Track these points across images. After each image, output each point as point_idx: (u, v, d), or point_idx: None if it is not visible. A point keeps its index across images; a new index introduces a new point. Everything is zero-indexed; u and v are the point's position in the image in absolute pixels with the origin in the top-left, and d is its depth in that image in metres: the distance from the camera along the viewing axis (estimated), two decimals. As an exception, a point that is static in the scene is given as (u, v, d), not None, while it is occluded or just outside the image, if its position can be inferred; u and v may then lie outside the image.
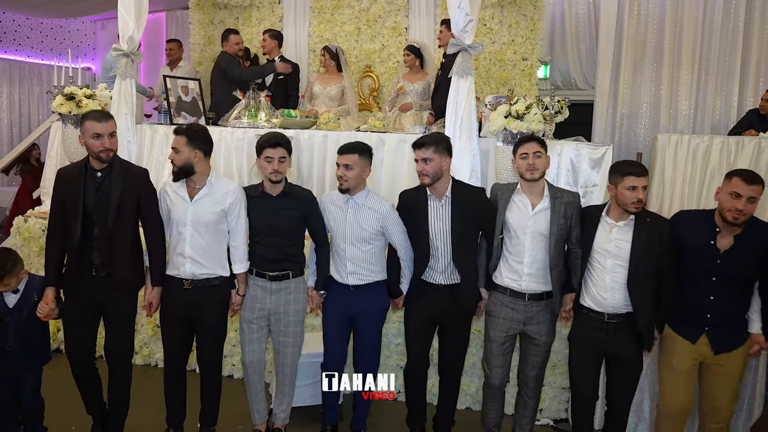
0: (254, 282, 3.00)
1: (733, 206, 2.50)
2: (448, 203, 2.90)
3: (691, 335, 2.66)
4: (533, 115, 3.50)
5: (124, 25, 4.20)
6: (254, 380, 3.08)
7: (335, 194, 3.02)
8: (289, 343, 3.03)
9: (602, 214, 2.75)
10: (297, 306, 3.02)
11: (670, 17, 6.35)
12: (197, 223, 2.85)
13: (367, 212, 2.93)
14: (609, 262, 2.69)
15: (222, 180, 2.96)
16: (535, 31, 5.73)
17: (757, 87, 6.15)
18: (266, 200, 2.95)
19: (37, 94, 8.50)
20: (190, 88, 4.74)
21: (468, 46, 3.70)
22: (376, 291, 3.02)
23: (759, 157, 4.77)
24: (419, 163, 2.87)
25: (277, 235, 2.94)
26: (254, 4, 6.30)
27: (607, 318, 2.71)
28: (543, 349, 2.91)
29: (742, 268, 2.56)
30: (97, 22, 9.00)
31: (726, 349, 2.62)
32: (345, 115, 5.19)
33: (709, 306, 2.60)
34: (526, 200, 2.85)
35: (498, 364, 2.95)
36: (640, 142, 6.51)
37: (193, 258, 2.86)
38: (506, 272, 2.88)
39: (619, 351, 2.73)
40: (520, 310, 2.87)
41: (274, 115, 4.54)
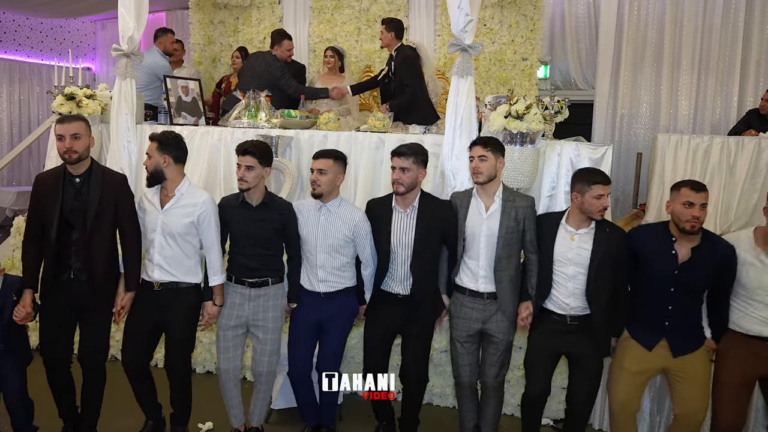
0: (233, 289, 2.99)
1: (689, 215, 2.58)
2: (413, 214, 2.93)
3: (647, 342, 2.73)
4: (533, 115, 3.49)
5: (124, 25, 4.19)
6: (229, 386, 3.06)
7: (308, 202, 3.03)
8: (267, 351, 3.02)
9: (561, 221, 2.80)
10: (275, 313, 3.01)
11: (670, 17, 6.35)
12: (166, 232, 2.87)
13: (340, 220, 2.95)
14: (571, 270, 2.75)
15: (194, 190, 2.94)
16: (535, 31, 5.74)
17: (757, 87, 6.15)
18: (246, 210, 2.95)
19: (37, 94, 8.49)
20: (190, 88, 4.74)
21: (468, 46, 3.70)
22: (345, 297, 3.04)
23: (759, 157, 4.77)
24: (396, 172, 2.89)
25: (257, 246, 2.94)
26: (254, 4, 6.30)
27: (569, 320, 2.78)
28: (502, 347, 2.93)
29: (699, 280, 2.65)
30: (97, 22, 8.99)
31: (684, 351, 2.69)
32: (346, 115, 5.19)
33: (666, 315, 2.68)
34: (481, 203, 2.91)
35: (464, 362, 2.99)
36: (639, 142, 6.51)
37: (161, 266, 2.88)
38: (464, 274, 2.94)
39: (578, 350, 2.80)
40: (478, 309, 2.91)
41: (274, 115, 4.54)
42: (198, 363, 4.01)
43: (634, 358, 2.75)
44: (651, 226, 2.93)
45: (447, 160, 3.81)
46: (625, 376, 2.76)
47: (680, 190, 2.64)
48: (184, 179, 2.92)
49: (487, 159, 2.84)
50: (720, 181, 4.87)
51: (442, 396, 3.75)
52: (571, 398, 2.91)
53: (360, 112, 5.64)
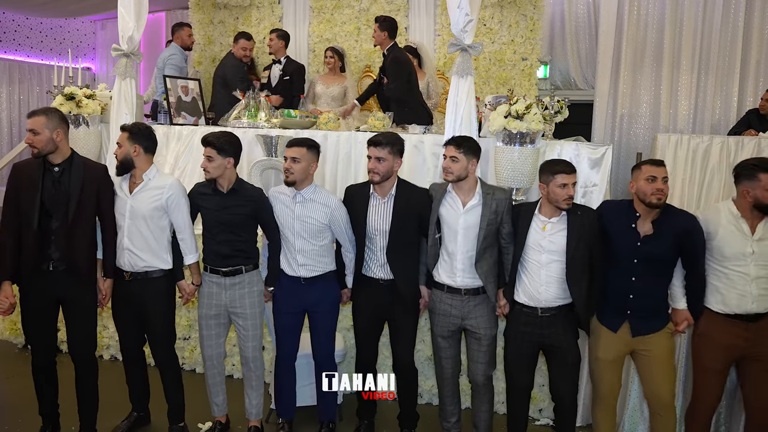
0: (209, 279, 3.05)
1: (653, 188, 2.67)
2: (390, 201, 2.97)
3: (613, 324, 2.80)
4: (533, 115, 3.49)
5: (124, 25, 4.19)
6: (213, 373, 3.14)
7: (283, 188, 3.06)
8: (249, 336, 3.08)
9: (535, 211, 2.85)
10: (252, 299, 3.06)
11: (670, 17, 6.35)
12: (135, 217, 2.94)
13: (315, 206, 2.98)
14: (544, 258, 2.79)
15: (161, 175, 3.03)
16: (535, 31, 5.73)
17: (756, 87, 6.16)
18: (217, 197, 3.00)
19: (37, 94, 8.49)
20: (189, 88, 4.75)
21: (468, 46, 3.70)
22: (327, 282, 3.07)
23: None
24: (372, 161, 2.92)
25: (228, 232, 2.99)
26: (254, 4, 6.30)
27: (540, 312, 2.81)
28: (485, 342, 2.96)
29: (661, 251, 2.72)
30: (97, 22, 9.00)
31: (644, 332, 2.76)
32: (347, 115, 5.19)
33: (630, 287, 2.75)
34: (457, 199, 2.93)
35: (446, 356, 3.02)
36: (639, 142, 6.51)
37: (130, 249, 2.94)
38: (442, 270, 2.96)
39: (554, 343, 2.83)
40: (457, 305, 2.94)
41: (274, 115, 4.54)
42: (199, 363, 4.01)
43: (605, 347, 2.84)
44: (617, 202, 3.00)
45: (447, 160, 3.81)
46: (601, 365, 2.87)
47: (641, 168, 2.75)
48: (151, 167, 3.00)
49: (458, 161, 2.87)
50: (720, 181, 4.87)
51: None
52: (555, 392, 2.95)
53: (360, 112, 5.64)
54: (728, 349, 2.73)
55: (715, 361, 2.75)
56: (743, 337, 2.71)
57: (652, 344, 2.77)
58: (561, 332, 2.81)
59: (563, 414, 2.96)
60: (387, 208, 2.97)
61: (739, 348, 2.73)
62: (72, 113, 4.14)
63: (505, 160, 3.61)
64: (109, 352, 4.16)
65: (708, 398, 2.81)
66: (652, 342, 2.77)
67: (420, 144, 4.09)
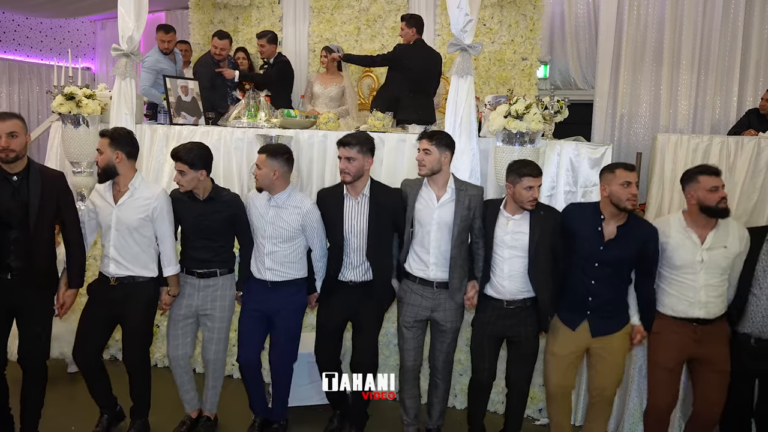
0: (183, 279, 3.09)
1: (628, 194, 2.74)
2: (365, 201, 2.99)
3: (572, 322, 2.88)
4: (533, 115, 3.49)
5: (123, 25, 4.19)
6: (180, 372, 3.16)
7: (260, 193, 3.07)
8: (213, 339, 3.10)
9: (500, 207, 2.92)
10: (223, 303, 3.09)
11: (669, 17, 6.35)
12: (121, 227, 2.92)
13: (289, 211, 3.00)
14: (506, 253, 2.87)
15: (147, 184, 3.01)
16: (535, 31, 5.73)
17: (756, 87, 6.15)
18: (194, 204, 3.02)
19: (37, 94, 8.50)
20: (189, 88, 4.74)
21: (467, 45, 3.70)
22: (293, 288, 3.08)
23: (758, 157, 4.77)
24: (342, 161, 2.94)
25: (206, 238, 3.02)
26: (254, 4, 6.30)
27: (506, 304, 2.89)
28: (450, 335, 3.03)
29: (622, 256, 2.79)
30: (97, 22, 9.00)
31: (603, 332, 2.84)
32: (345, 115, 5.19)
33: (590, 289, 2.82)
34: (432, 193, 2.97)
35: (410, 347, 3.06)
36: (639, 142, 6.51)
37: (116, 260, 2.94)
38: (415, 262, 3.00)
39: (516, 334, 2.92)
40: (428, 297, 2.98)
41: (274, 115, 4.54)
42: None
43: (561, 342, 2.92)
44: (582, 205, 3.07)
45: (447, 159, 3.81)
46: (556, 360, 2.94)
47: (614, 171, 2.80)
48: (136, 174, 2.98)
49: (431, 153, 2.91)
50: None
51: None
52: (510, 380, 3.04)
53: (359, 111, 5.64)
54: (679, 348, 2.83)
55: (668, 359, 2.85)
56: (692, 338, 2.81)
57: (609, 344, 2.86)
58: (524, 324, 2.90)
59: (514, 401, 3.06)
60: (362, 208, 2.99)
61: (689, 348, 2.82)
62: (72, 113, 4.14)
63: (505, 160, 3.60)
64: (108, 352, 4.15)
65: (662, 395, 2.87)
66: (609, 342, 2.86)
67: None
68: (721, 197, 2.72)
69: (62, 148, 4.40)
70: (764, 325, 2.76)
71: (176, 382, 3.19)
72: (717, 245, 2.77)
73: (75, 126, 4.22)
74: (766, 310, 2.75)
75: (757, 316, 2.77)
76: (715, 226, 2.79)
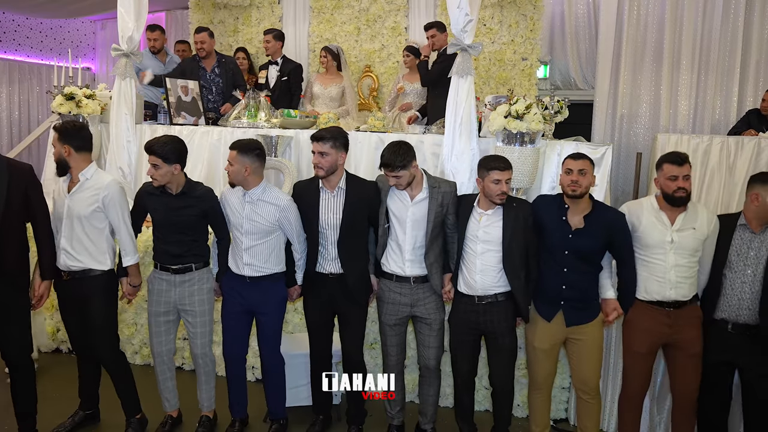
0: (158, 276, 3.07)
1: (568, 180, 2.85)
2: (340, 194, 3.01)
3: (547, 313, 2.94)
4: (533, 115, 3.50)
5: (123, 25, 4.20)
6: (163, 369, 3.17)
7: (236, 189, 3.08)
8: (197, 333, 3.10)
9: (474, 203, 2.96)
10: (201, 296, 3.08)
11: (670, 17, 6.34)
12: (72, 217, 2.91)
13: (265, 206, 3.00)
14: (479, 247, 2.90)
15: (99, 174, 2.99)
16: (535, 31, 5.73)
17: (756, 87, 6.15)
18: (166, 198, 3.00)
19: (37, 94, 8.49)
20: (189, 88, 4.74)
21: (468, 46, 3.70)
22: (272, 283, 3.08)
23: (758, 157, 4.77)
24: (315, 156, 2.96)
25: (179, 232, 3.01)
26: (254, 4, 6.30)
27: (477, 300, 2.92)
28: (436, 327, 3.04)
29: (591, 243, 2.87)
30: (97, 22, 8.99)
31: (577, 322, 2.91)
32: (345, 115, 5.19)
33: (563, 278, 2.89)
34: (405, 192, 2.98)
35: (392, 344, 3.09)
36: (639, 142, 6.51)
37: (66, 250, 2.92)
38: (391, 259, 3.03)
39: (492, 330, 2.94)
40: (406, 293, 3.00)
41: (274, 115, 4.54)
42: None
43: (541, 336, 2.97)
44: (549, 196, 3.12)
45: (447, 160, 3.81)
46: (538, 354, 2.99)
47: (565, 160, 2.94)
48: (89, 165, 2.96)
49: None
50: (720, 181, 4.87)
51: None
52: (492, 378, 3.07)
53: (359, 112, 5.64)
54: (652, 334, 2.89)
55: (641, 345, 2.92)
56: (666, 323, 2.88)
57: (584, 333, 2.92)
58: (498, 320, 2.93)
59: (499, 399, 3.09)
60: (338, 201, 3.01)
61: (662, 334, 2.89)
62: (72, 113, 4.14)
63: (505, 160, 3.61)
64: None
65: (636, 380, 2.96)
66: (584, 331, 2.92)
67: (420, 144, 4.08)
68: (678, 186, 2.82)
69: (62, 148, 4.39)
70: (740, 309, 2.82)
71: (158, 379, 3.19)
72: (686, 227, 2.86)
73: (75, 126, 4.21)
74: (740, 294, 2.82)
75: (732, 300, 2.84)
76: (685, 209, 2.89)
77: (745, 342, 2.81)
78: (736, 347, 2.83)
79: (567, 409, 3.57)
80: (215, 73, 5.15)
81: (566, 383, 3.50)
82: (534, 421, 3.13)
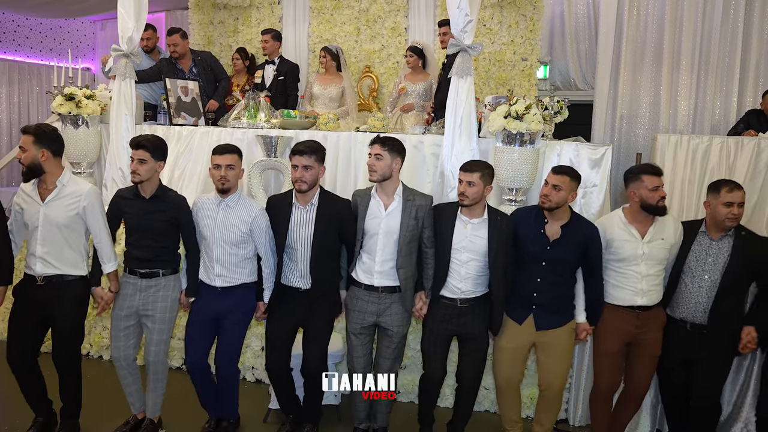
0: (125, 279, 3.06)
1: (541, 193, 2.95)
2: (312, 210, 2.99)
3: (518, 316, 3.02)
4: (533, 116, 3.50)
5: (123, 26, 4.20)
6: (124, 374, 3.12)
7: (208, 197, 3.08)
8: (153, 340, 3.06)
9: (457, 212, 2.98)
10: (165, 304, 3.05)
11: (669, 18, 6.34)
12: (49, 225, 2.85)
13: (238, 215, 2.99)
14: (464, 256, 2.94)
15: (76, 181, 2.96)
16: (535, 31, 5.73)
17: (756, 87, 6.14)
18: (139, 202, 2.99)
19: (37, 95, 8.49)
20: (189, 88, 4.75)
21: (467, 46, 3.70)
22: (242, 292, 3.07)
23: (758, 158, 4.76)
24: (299, 170, 2.92)
25: (149, 237, 2.99)
26: (254, 5, 6.30)
27: (460, 303, 2.97)
28: (396, 339, 3.04)
29: (567, 254, 2.94)
30: (97, 22, 8.99)
31: (547, 326, 2.99)
32: (345, 116, 5.19)
33: (536, 286, 2.97)
34: (379, 201, 3.00)
35: (358, 354, 3.08)
36: (639, 143, 6.50)
37: (44, 259, 2.87)
38: (361, 269, 3.03)
39: (468, 330, 3.00)
40: (373, 302, 3.00)
41: (274, 115, 4.54)
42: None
43: (509, 336, 3.04)
44: (526, 209, 3.18)
45: (447, 160, 3.82)
46: (504, 353, 3.06)
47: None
48: (64, 171, 2.93)
49: (383, 158, 2.93)
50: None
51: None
52: (460, 376, 3.11)
53: (359, 112, 5.64)
54: (621, 334, 3.02)
55: (611, 344, 3.04)
56: (634, 324, 3.00)
57: (554, 338, 3.00)
58: (475, 321, 2.99)
59: (463, 396, 3.13)
60: (309, 218, 2.99)
61: (630, 333, 3.02)
62: (72, 113, 4.14)
63: (505, 161, 3.62)
64: (109, 352, 4.15)
65: (607, 378, 3.09)
66: (553, 336, 3.00)
67: (420, 144, 4.09)
68: (660, 196, 2.93)
69: (62, 148, 4.39)
70: (696, 311, 2.96)
71: (121, 383, 3.15)
72: (656, 238, 2.98)
73: (75, 126, 4.22)
74: (697, 298, 2.96)
75: (690, 303, 2.98)
76: (654, 221, 2.99)
77: (701, 339, 2.96)
78: (694, 345, 2.97)
79: (567, 409, 3.58)
80: (193, 72, 5.14)
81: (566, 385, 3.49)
82: (505, 421, 3.20)
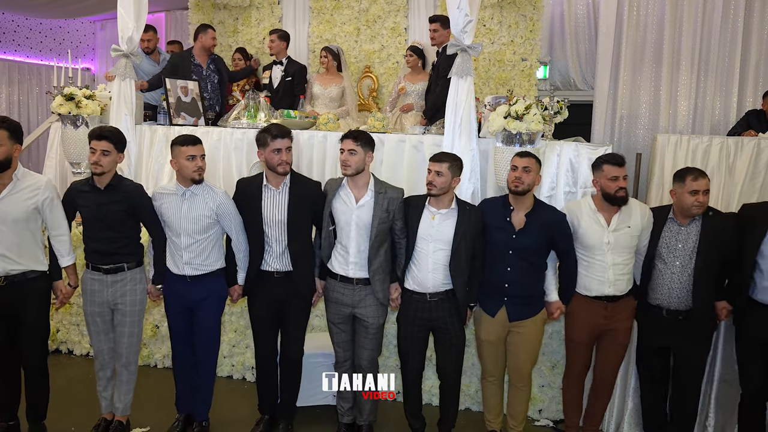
0: (91, 276, 3.03)
1: (512, 177, 2.99)
2: (285, 192, 3.03)
3: (491, 309, 3.07)
4: (532, 116, 3.50)
5: (123, 26, 4.20)
6: (104, 368, 3.12)
7: (169, 187, 3.09)
8: (125, 333, 3.06)
9: (425, 203, 3.02)
10: (134, 297, 3.05)
11: (669, 18, 6.34)
12: (5, 220, 2.79)
13: (203, 202, 3.01)
14: (431, 246, 2.97)
15: (30, 174, 2.92)
16: (535, 31, 5.73)
17: (756, 87, 6.14)
18: (94, 194, 2.98)
19: (37, 95, 8.48)
20: (189, 88, 4.74)
21: (467, 46, 3.70)
22: (213, 280, 3.09)
23: (758, 158, 4.77)
24: (283, 152, 2.97)
25: (107, 229, 2.97)
26: (254, 5, 6.30)
27: (429, 297, 2.99)
28: (372, 330, 3.07)
29: (533, 242, 2.99)
30: (97, 22, 8.99)
31: (520, 317, 3.05)
32: (345, 116, 5.18)
33: (506, 276, 3.01)
34: (350, 193, 3.02)
35: (339, 340, 3.13)
36: (639, 143, 6.50)
37: (4, 255, 2.81)
38: (336, 261, 3.06)
39: (441, 325, 3.03)
40: (348, 294, 3.04)
41: (274, 115, 4.54)
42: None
43: (487, 330, 3.12)
44: (493, 199, 3.24)
45: (446, 160, 3.81)
46: (485, 346, 3.16)
47: (512, 158, 3.08)
48: (18, 165, 2.88)
49: (356, 153, 2.95)
50: (719, 182, 4.86)
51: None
52: (440, 370, 3.14)
53: (359, 112, 5.64)
54: (591, 325, 3.09)
55: (581, 334, 3.12)
56: (603, 315, 3.07)
57: (525, 327, 3.07)
58: (447, 315, 3.01)
59: (447, 391, 3.16)
60: (282, 198, 3.03)
61: (599, 324, 3.09)
62: (72, 114, 4.14)
63: (505, 161, 3.61)
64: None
65: (577, 364, 3.21)
66: (525, 326, 3.07)
67: (419, 144, 4.09)
68: (619, 186, 2.98)
69: (62, 149, 4.40)
70: (671, 297, 3.00)
71: (97, 377, 3.14)
72: (622, 226, 3.02)
73: (75, 127, 4.22)
74: (670, 283, 3.00)
75: (663, 289, 3.02)
76: (619, 210, 3.04)
77: (678, 325, 3.01)
78: (671, 331, 3.03)
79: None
80: (210, 69, 5.14)
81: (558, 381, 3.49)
82: (487, 410, 3.25)
